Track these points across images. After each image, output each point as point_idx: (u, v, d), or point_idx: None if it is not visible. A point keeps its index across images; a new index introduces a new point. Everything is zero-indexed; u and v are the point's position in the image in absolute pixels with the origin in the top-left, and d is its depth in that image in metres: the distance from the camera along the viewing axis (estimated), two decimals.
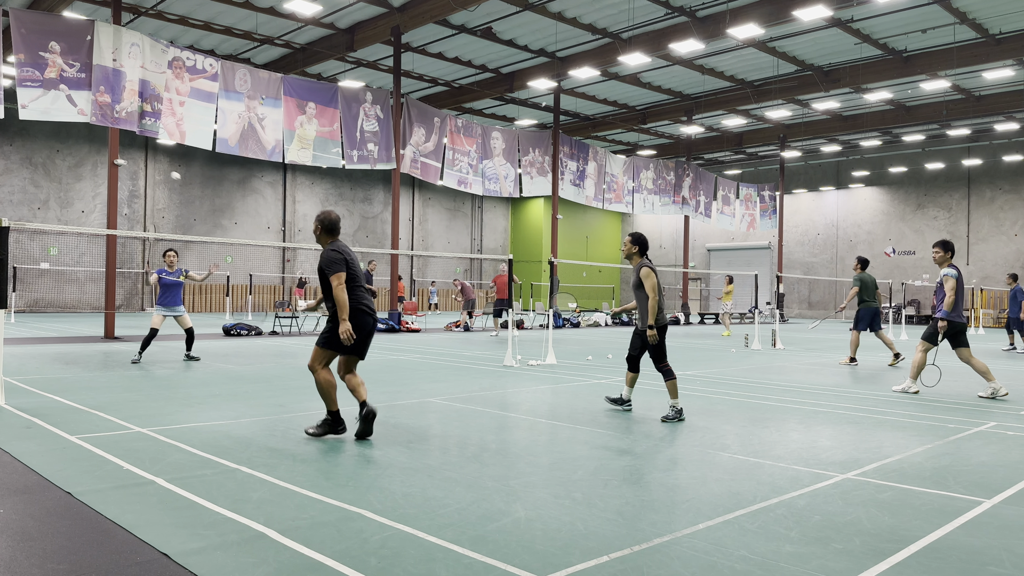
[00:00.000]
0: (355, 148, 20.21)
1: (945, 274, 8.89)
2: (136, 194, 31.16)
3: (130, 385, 8.77)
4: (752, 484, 4.69)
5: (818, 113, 30.01)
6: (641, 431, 6.44)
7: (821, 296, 37.94)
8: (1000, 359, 14.35)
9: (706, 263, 41.63)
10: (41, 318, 24.30)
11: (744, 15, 18.66)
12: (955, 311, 8.84)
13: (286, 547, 3.44)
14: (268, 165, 34.19)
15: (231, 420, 6.59)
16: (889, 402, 8.39)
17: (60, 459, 5.05)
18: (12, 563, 3.20)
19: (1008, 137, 31.76)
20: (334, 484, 4.52)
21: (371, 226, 38.66)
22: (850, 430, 6.61)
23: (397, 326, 20.39)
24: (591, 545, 3.53)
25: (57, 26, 14.92)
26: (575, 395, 8.57)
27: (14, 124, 27.76)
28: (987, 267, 32.37)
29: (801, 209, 38.49)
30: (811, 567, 3.31)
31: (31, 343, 14.49)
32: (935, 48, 22.16)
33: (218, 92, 17.31)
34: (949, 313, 8.80)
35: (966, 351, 8.91)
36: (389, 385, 9.13)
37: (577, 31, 21.37)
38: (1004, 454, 5.71)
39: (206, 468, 4.86)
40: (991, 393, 8.71)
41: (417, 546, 3.48)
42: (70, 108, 14.94)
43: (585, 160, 27.26)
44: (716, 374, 11.00)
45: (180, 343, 14.87)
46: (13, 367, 10.14)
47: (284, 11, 19.73)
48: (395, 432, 6.19)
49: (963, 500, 4.42)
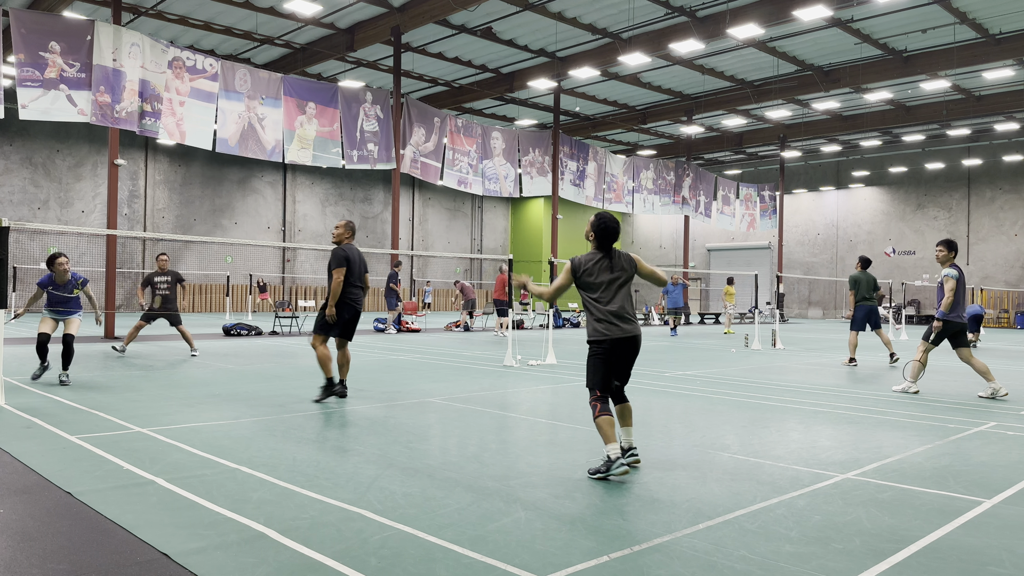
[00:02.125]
0: (355, 148, 20.20)
1: (945, 274, 8.87)
2: (136, 194, 31.16)
3: (130, 385, 8.77)
4: (752, 484, 4.68)
5: (818, 113, 30.01)
6: (641, 431, 6.44)
7: (821, 296, 37.94)
8: (1000, 359, 14.35)
9: (706, 263, 41.62)
10: (41, 318, 24.27)
11: (744, 15, 18.66)
12: (955, 311, 8.82)
13: (286, 547, 3.44)
14: (268, 165, 34.19)
15: (231, 420, 6.59)
16: (889, 402, 8.39)
17: (60, 459, 5.05)
18: (12, 563, 3.20)
19: (1008, 137, 31.76)
20: (334, 484, 4.52)
21: (371, 226, 38.66)
22: (850, 430, 6.61)
23: (397, 326, 20.38)
24: (591, 545, 3.53)
25: (57, 26, 14.91)
26: (575, 395, 8.56)
27: (14, 124, 27.76)
28: (987, 267, 32.36)
29: (801, 209, 38.49)
30: (811, 567, 3.31)
31: (31, 343, 14.48)
32: (935, 48, 22.16)
33: (218, 92, 17.31)
34: (947, 313, 8.79)
35: (966, 351, 8.90)
36: (389, 385, 9.13)
37: (577, 31, 21.37)
38: (1004, 454, 5.71)
39: (206, 468, 4.86)
40: (991, 393, 8.71)
41: (417, 546, 3.48)
42: (70, 108, 14.94)
43: (585, 160, 27.26)
44: (716, 374, 11.00)
45: (181, 343, 14.86)
46: (13, 367, 10.15)
47: (284, 11, 19.73)
48: (395, 432, 6.19)
49: (963, 500, 4.42)
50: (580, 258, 5.09)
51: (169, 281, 12.23)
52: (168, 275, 12.27)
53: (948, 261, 8.97)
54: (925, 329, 9.30)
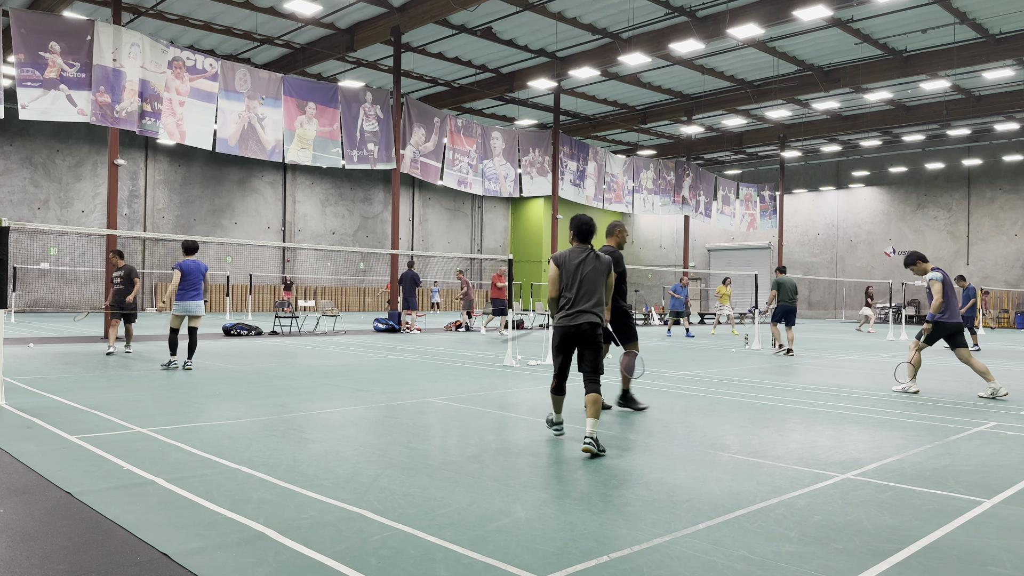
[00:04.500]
0: (355, 148, 20.21)
1: (930, 278, 9.00)
2: (136, 194, 31.16)
3: (130, 385, 8.77)
4: (752, 484, 4.68)
5: (818, 113, 30.01)
6: (641, 431, 6.44)
7: (821, 296, 37.94)
8: (1001, 359, 14.35)
9: (706, 263, 41.62)
10: (41, 318, 24.29)
11: (744, 15, 18.65)
12: (948, 312, 8.90)
13: (286, 547, 3.44)
14: (268, 165, 34.19)
15: (231, 420, 6.59)
16: (889, 402, 8.39)
17: (60, 459, 5.05)
18: (12, 563, 3.20)
19: (1008, 137, 31.76)
20: (334, 484, 4.52)
21: (371, 226, 38.67)
22: (850, 430, 6.61)
23: (397, 326, 20.40)
24: (591, 545, 3.53)
25: (57, 26, 14.91)
26: (575, 395, 8.55)
27: (14, 124, 27.76)
28: (987, 267, 32.36)
29: (801, 209, 38.49)
30: (811, 567, 3.31)
31: (31, 343, 14.48)
32: (935, 48, 22.15)
33: (218, 92, 17.31)
34: (936, 315, 8.94)
35: (964, 351, 8.94)
36: (389, 385, 9.13)
37: (577, 31, 21.37)
38: (1004, 454, 5.71)
39: (206, 468, 4.86)
40: (991, 393, 8.72)
41: (417, 546, 3.48)
42: (70, 108, 14.94)
43: (585, 160, 27.26)
44: (716, 374, 11.00)
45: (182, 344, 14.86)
46: (13, 367, 10.14)
47: (284, 11, 19.73)
48: (395, 432, 6.19)
49: (963, 500, 4.42)
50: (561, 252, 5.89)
51: (122, 276, 12.57)
52: (121, 270, 12.65)
53: (924, 271, 9.20)
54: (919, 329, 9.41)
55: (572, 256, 5.78)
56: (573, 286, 5.71)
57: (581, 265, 5.73)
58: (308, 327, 20.96)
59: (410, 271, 20.40)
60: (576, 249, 5.84)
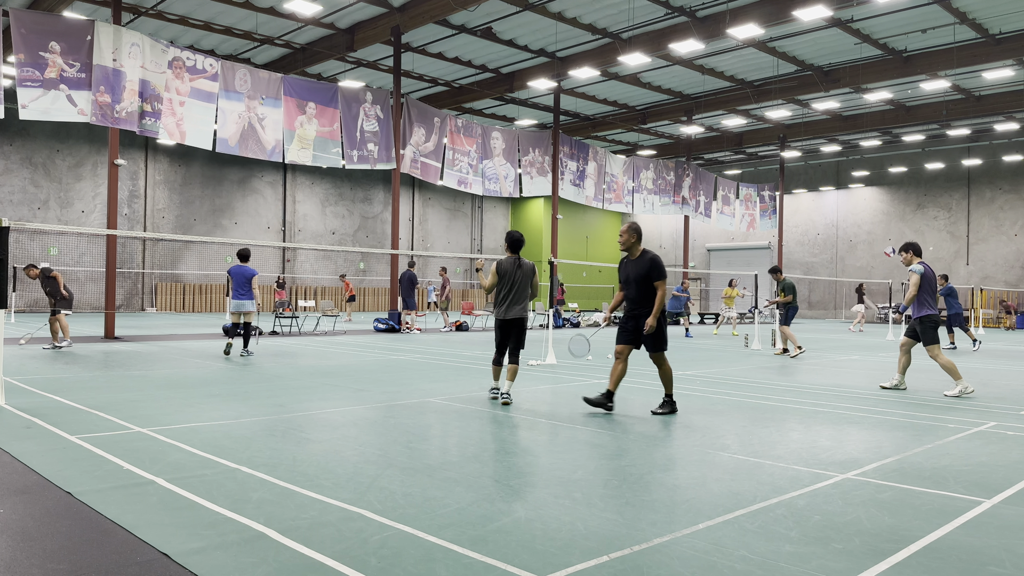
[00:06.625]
0: (355, 148, 20.20)
1: (911, 270, 9.13)
2: (136, 194, 31.16)
3: (130, 385, 8.77)
4: (752, 484, 4.68)
5: (818, 113, 30.01)
6: (641, 431, 6.44)
7: (821, 296, 37.95)
8: (1001, 359, 14.34)
9: (706, 263, 41.63)
10: (41, 318, 24.29)
11: (744, 15, 18.65)
12: (927, 306, 8.94)
13: (286, 547, 3.44)
14: (268, 165, 34.20)
15: (231, 420, 6.59)
16: (889, 402, 8.39)
17: (60, 459, 5.05)
18: (12, 563, 3.20)
19: (1008, 137, 31.76)
20: (334, 484, 4.52)
21: (371, 226, 38.67)
22: (850, 430, 6.61)
23: (397, 326, 20.40)
24: (591, 545, 3.53)
25: (57, 26, 14.91)
26: (575, 395, 8.56)
27: (14, 124, 27.76)
28: (987, 267, 32.37)
29: (801, 209, 38.49)
30: (811, 567, 3.31)
31: (31, 343, 14.48)
32: (935, 48, 22.16)
33: (218, 92, 17.31)
34: (906, 306, 9.11)
35: (935, 348, 8.95)
36: (389, 385, 9.13)
37: (577, 31, 21.37)
38: (1004, 454, 5.71)
39: (206, 468, 4.86)
40: (959, 392, 8.83)
41: (417, 546, 3.48)
42: (70, 108, 14.94)
43: (585, 160, 27.25)
44: (716, 374, 11.00)
45: (181, 344, 14.88)
46: (13, 367, 10.14)
47: (284, 11, 19.73)
48: (395, 432, 6.19)
49: (963, 500, 4.42)
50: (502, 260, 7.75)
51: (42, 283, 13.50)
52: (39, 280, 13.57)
53: (909, 262, 9.34)
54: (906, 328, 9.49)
55: (509, 264, 7.67)
56: (509, 287, 7.64)
57: (515, 272, 7.65)
58: (308, 327, 20.96)
59: (409, 271, 20.42)
60: (511, 258, 7.70)
